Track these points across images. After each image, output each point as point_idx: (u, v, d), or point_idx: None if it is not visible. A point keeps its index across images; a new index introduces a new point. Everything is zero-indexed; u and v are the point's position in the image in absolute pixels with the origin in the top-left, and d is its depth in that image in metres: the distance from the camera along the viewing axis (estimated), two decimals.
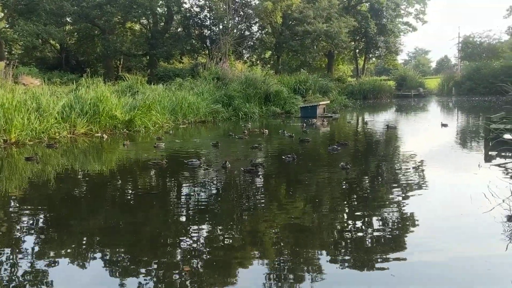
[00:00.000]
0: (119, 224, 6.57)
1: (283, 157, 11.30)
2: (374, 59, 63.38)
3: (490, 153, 11.97)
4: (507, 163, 10.35)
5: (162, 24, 46.06)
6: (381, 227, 6.16)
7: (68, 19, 42.02)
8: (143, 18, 44.81)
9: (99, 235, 6.03)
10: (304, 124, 20.88)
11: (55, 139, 15.26)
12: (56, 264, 5.09)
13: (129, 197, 8.40)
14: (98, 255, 5.33)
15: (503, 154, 11.13)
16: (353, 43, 53.38)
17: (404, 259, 5.07)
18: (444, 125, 19.01)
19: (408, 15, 57.73)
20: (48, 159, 12.15)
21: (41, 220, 6.80)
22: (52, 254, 5.38)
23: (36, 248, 5.57)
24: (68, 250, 5.50)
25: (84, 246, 5.65)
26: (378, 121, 23.81)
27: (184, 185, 9.16)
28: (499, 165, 10.21)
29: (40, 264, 5.06)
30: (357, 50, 58.02)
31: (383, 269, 4.79)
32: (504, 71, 46.33)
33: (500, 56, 58.35)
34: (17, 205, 7.69)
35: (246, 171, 9.62)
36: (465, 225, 6.18)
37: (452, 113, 31.09)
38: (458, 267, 4.86)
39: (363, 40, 54.94)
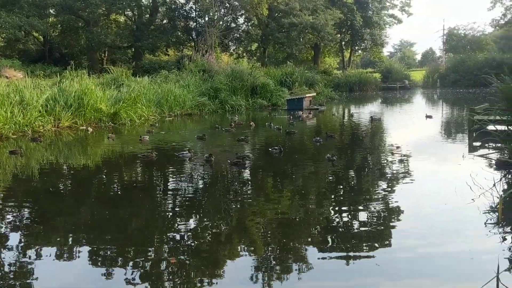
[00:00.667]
0: (105, 218, 6.53)
1: (270, 149, 11.32)
2: (360, 51, 63.64)
3: (474, 144, 12.13)
4: (490, 153, 10.49)
5: (147, 16, 45.56)
6: (366, 217, 6.21)
7: (51, 11, 41.29)
8: (128, 9, 44.20)
9: (85, 229, 5.98)
10: (291, 117, 20.94)
11: (39, 132, 15.06)
12: (41, 259, 5.03)
13: (115, 190, 8.35)
14: (84, 249, 5.27)
15: (486, 145, 11.28)
16: (339, 35, 53.52)
17: (389, 249, 5.14)
18: (428, 117, 19.20)
19: (393, 7, 58.25)
20: (33, 153, 12.01)
21: (25, 215, 6.72)
22: (37, 249, 5.32)
23: (21, 243, 5.51)
24: (53, 245, 5.45)
25: (69, 241, 5.60)
26: (363, 113, 23.95)
27: (171, 178, 9.13)
28: (482, 156, 10.34)
29: (25, 260, 5.00)
30: (343, 43, 58.18)
31: (368, 258, 4.84)
32: (488, 63, 46.83)
33: (484, 48, 59.15)
34: (1, 199, 7.58)
35: (233, 163, 9.62)
36: (449, 215, 6.25)
37: (436, 105, 31.40)
38: (441, 256, 4.93)
39: (349, 32, 55.15)
